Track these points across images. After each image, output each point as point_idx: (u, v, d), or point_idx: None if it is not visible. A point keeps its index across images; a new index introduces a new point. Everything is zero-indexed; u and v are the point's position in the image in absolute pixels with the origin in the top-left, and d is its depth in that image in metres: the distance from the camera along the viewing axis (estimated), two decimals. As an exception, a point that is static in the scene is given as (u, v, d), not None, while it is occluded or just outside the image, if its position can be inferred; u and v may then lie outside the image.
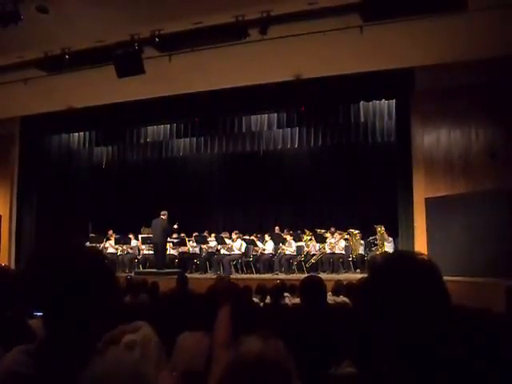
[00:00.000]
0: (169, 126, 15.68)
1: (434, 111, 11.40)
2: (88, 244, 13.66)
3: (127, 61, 10.14)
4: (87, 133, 16.16)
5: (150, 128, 15.83)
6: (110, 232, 15.52)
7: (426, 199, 11.35)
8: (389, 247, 12.62)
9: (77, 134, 16.30)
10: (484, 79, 10.55)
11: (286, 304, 6.86)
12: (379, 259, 1.42)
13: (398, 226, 12.10)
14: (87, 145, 16.44)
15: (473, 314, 4.03)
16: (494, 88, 10.60)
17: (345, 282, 7.62)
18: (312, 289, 3.93)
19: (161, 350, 1.75)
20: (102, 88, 12.11)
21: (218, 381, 1.53)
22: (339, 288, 7.14)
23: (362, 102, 13.30)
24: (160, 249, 13.80)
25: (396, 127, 12.80)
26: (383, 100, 13.07)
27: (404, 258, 1.36)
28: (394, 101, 12.71)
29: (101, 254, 1.78)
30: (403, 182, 11.90)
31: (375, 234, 13.19)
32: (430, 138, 11.58)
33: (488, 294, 8.73)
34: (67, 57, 10.36)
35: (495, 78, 10.44)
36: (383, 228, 12.82)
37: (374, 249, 13.35)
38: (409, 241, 11.67)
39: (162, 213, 13.80)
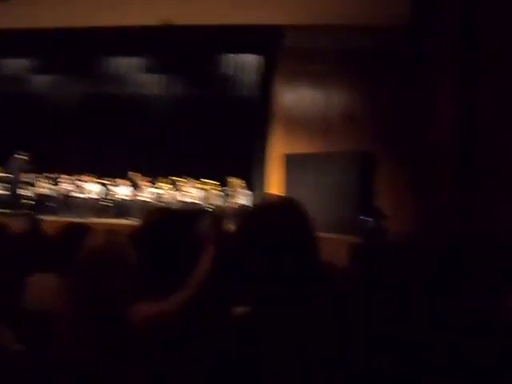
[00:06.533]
0: (26, 60, 14.68)
1: (299, 71, 11.64)
2: None
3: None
4: None
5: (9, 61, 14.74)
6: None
7: (286, 155, 11.69)
8: (243, 200, 12.75)
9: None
10: (350, 45, 10.89)
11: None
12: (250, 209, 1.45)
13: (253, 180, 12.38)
14: None
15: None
16: (357, 54, 11.00)
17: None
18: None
19: None
20: None
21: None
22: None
23: (229, 54, 13.26)
24: (13, 189, 13.21)
25: (259, 82, 12.95)
26: (251, 54, 13.11)
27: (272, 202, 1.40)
28: (262, 56, 12.80)
29: None
30: (261, 137, 12.09)
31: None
32: (292, 96, 11.85)
33: (332, 249, 9.25)
34: None
35: (361, 44, 10.81)
36: (236, 180, 12.89)
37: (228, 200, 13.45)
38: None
39: (20, 153, 13.17)
